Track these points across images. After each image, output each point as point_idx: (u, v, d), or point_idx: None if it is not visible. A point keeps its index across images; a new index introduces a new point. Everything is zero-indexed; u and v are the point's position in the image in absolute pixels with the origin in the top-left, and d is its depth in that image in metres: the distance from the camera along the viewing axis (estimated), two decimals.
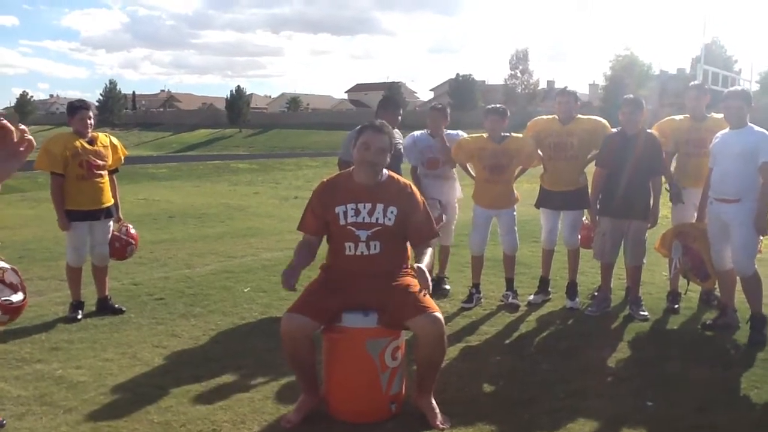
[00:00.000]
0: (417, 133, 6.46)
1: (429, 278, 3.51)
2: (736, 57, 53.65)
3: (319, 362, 3.72)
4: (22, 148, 1.58)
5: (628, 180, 5.50)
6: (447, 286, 6.45)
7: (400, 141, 6.09)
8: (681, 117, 5.96)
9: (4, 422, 3.50)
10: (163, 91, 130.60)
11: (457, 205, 6.48)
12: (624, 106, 5.61)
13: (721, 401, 3.95)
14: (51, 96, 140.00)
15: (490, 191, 5.98)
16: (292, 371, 3.79)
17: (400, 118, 5.93)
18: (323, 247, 3.87)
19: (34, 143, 1.62)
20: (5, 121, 1.54)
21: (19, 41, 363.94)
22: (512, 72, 68.58)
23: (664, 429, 3.56)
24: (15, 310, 3.48)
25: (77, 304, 5.57)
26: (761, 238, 5.04)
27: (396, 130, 6.00)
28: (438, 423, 3.48)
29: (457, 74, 72.03)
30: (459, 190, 6.50)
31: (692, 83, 6.18)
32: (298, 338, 3.50)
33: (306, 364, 3.58)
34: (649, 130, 5.71)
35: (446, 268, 6.61)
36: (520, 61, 68.27)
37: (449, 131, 6.34)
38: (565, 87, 6.34)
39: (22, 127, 1.58)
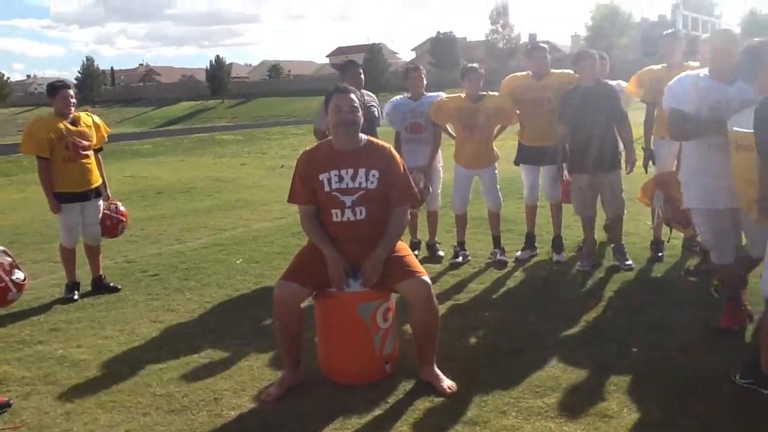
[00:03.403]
0: (397, 97, 6.48)
1: (378, 269, 3.60)
2: (717, 0, 53.52)
3: (310, 332, 3.84)
4: None
5: (592, 133, 5.56)
6: (441, 253, 6.48)
7: (373, 104, 6.12)
8: (659, 66, 6.01)
9: (11, 402, 3.61)
10: (141, 65, 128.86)
11: (441, 168, 6.53)
12: (579, 60, 5.66)
13: (702, 342, 4.10)
14: (28, 76, 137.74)
15: (470, 150, 6.05)
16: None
17: (362, 76, 5.86)
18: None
19: None
20: None
21: None
22: (493, 27, 67.96)
23: (648, 372, 3.69)
24: (23, 287, 3.81)
25: (73, 285, 5.66)
26: None
27: (368, 92, 6.05)
28: (446, 388, 3.58)
29: (438, 32, 71.29)
30: (440, 156, 6.52)
31: (666, 32, 6.21)
32: (289, 305, 3.59)
33: (294, 335, 3.68)
34: (607, 81, 5.81)
35: (436, 233, 6.62)
36: (500, 15, 67.57)
37: (430, 94, 6.35)
38: (537, 42, 6.39)
39: None
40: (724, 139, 3.88)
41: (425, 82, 6.34)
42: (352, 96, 3.71)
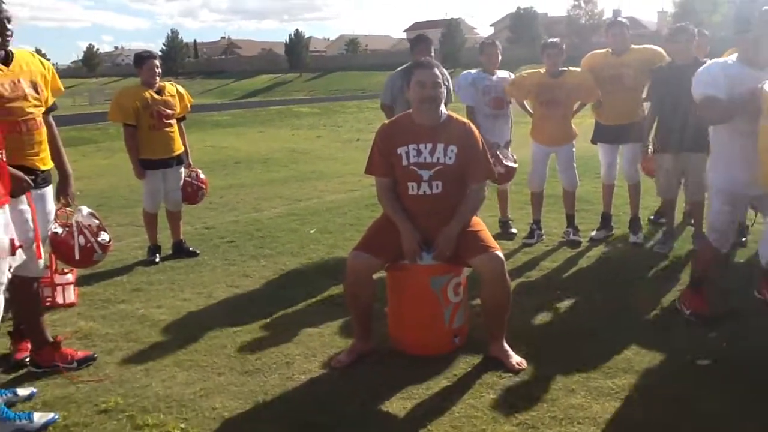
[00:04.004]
0: (473, 71, 6.28)
1: (451, 244, 3.59)
2: None
3: (380, 303, 3.88)
4: None
5: (683, 113, 5.36)
6: (513, 230, 6.42)
7: (446, 81, 6.01)
8: None
9: (96, 356, 3.80)
10: (223, 38, 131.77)
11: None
12: (677, 34, 5.42)
13: None
14: (116, 48, 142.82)
15: (548, 127, 5.95)
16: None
17: (433, 53, 5.72)
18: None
19: None
20: None
21: None
22: (575, 2, 66.21)
23: (724, 359, 3.57)
24: (108, 248, 3.95)
25: (154, 248, 5.88)
26: None
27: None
28: (514, 365, 3.56)
29: (518, 7, 70.10)
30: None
31: (765, 8, 5.89)
32: (362, 276, 3.63)
33: (364, 305, 3.72)
34: (703, 58, 5.56)
35: (507, 210, 6.57)
36: None
37: (501, 71, 6.22)
38: (616, 18, 6.20)
39: None
40: (755, 125, 3.78)
41: (500, 57, 6.22)
42: (436, 71, 3.68)
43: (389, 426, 3.04)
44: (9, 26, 3.27)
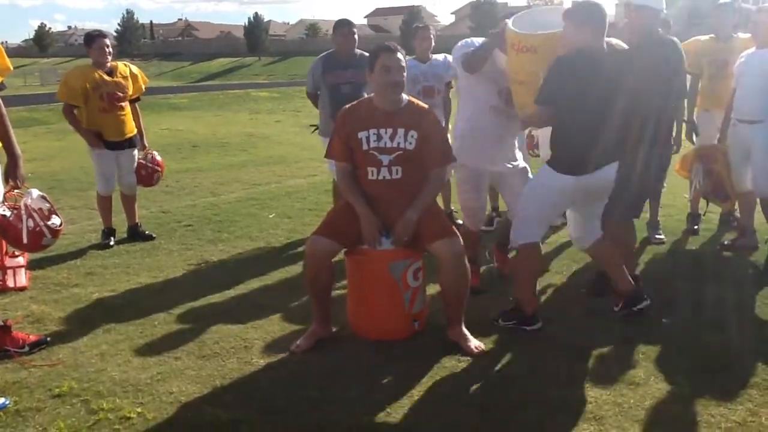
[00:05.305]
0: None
1: (410, 230, 3.60)
2: None
3: (340, 289, 3.87)
4: None
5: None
6: (460, 221, 6.11)
7: None
8: (706, 37, 5.85)
9: (48, 339, 3.71)
10: (180, 19, 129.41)
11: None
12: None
13: (734, 318, 4.05)
14: (69, 27, 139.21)
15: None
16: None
17: (356, 36, 5.61)
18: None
19: None
20: None
21: None
22: None
23: (677, 344, 3.67)
24: (59, 232, 3.86)
25: (109, 231, 5.76)
26: None
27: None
28: (473, 348, 3.59)
29: None
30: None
31: (720, 2, 6.02)
32: (321, 260, 3.62)
33: (324, 289, 3.72)
34: None
35: (451, 201, 6.40)
36: None
37: (435, 56, 5.97)
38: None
39: None
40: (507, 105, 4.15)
41: (434, 43, 6.01)
42: (400, 56, 3.67)
43: (348, 410, 3.04)
44: None
